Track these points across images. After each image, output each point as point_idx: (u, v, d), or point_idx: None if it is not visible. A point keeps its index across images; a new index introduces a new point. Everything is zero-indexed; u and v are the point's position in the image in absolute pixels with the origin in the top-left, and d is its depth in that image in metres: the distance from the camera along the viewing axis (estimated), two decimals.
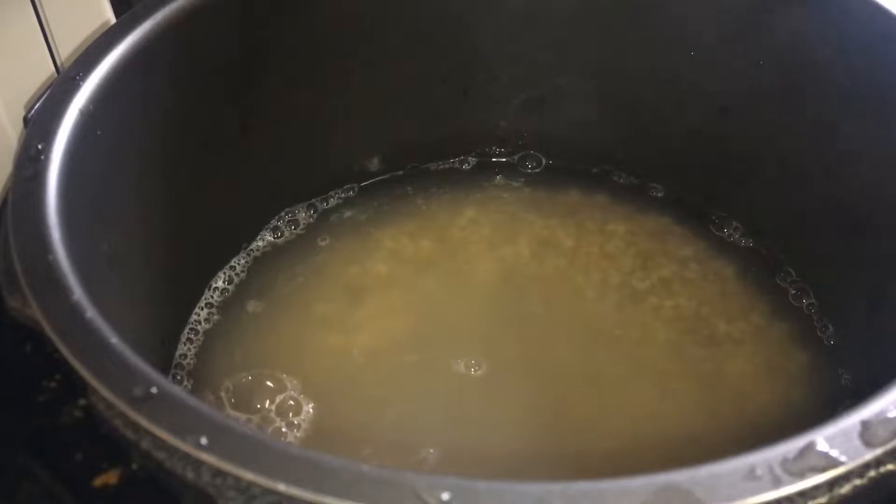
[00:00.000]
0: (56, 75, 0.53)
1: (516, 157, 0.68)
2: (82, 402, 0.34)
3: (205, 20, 0.52)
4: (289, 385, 0.53)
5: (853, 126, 0.53)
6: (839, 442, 0.30)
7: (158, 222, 0.52)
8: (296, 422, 0.51)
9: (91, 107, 0.45)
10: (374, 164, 0.66)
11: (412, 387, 0.54)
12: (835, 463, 0.30)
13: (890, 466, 0.31)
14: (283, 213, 0.63)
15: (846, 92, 0.53)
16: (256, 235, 0.62)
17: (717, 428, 0.52)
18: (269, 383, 0.53)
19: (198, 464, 0.30)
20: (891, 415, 0.31)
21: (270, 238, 0.62)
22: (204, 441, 0.30)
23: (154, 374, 0.33)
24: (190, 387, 0.53)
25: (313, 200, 0.65)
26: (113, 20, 0.56)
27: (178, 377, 0.54)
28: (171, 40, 0.50)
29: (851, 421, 0.31)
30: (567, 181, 0.66)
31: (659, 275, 0.60)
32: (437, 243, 0.62)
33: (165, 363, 0.54)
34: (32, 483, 0.34)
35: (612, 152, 0.66)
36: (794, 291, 0.59)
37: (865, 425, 0.31)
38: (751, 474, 0.29)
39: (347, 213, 0.64)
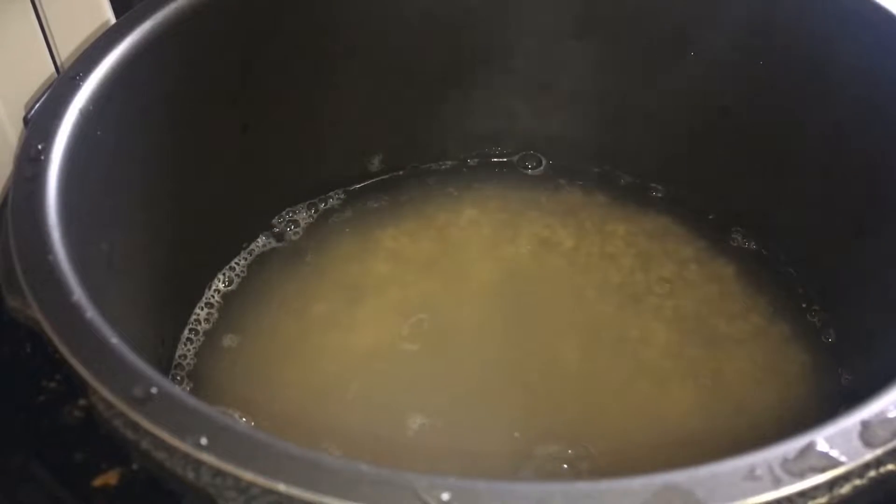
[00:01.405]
0: (56, 75, 0.53)
1: (516, 157, 0.68)
2: (82, 402, 0.34)
3: (205, 20, 0.52)
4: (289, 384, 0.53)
5: (853, 126, 0.53)
6: (839, 442, 0.30)
7: (158, 222, 0.52)
8: None
9: (91, 107, 0.45)
10: (374, 164, 0.66)
11: (412, 386, 0.54)
12: (835, 463, 0.30)
13: (890, 466, 0.31)
14: (283, 213, 0.63)
15: (846, 91, 0.53)
16: (256, 235, 0.62)
17: (717, 428, 0.52)
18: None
19: (198, 464, 0.30)
20: (891, 415, 0.31)
21: (270, 238, 0.62)
22: (204, 441, 0.30)
23: (154, 374, 0.33)
24: (190, 387, 0.53)
25: (313, 200, 0.65)
26: (113, 20, 0.56)
27: (178, 377, 0.54)
28: (170, 40, 0.50)
29: (851, 421, 0.31)
30: (567, 181, 0.66)
31: (659, 275, 0.60)
32: (437, 243, 0.62)
33: (165, 363, 0.54)
34: (32, 483, 0.34)
35: (613, 152, 0.66)
36: (793, 291, 0.59)
37: (865, 425, 0.31)
38: (751, 474, 0.29)
39: (347, 213, 0.64)
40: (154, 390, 0.32)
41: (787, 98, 0.56)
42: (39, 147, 0.42)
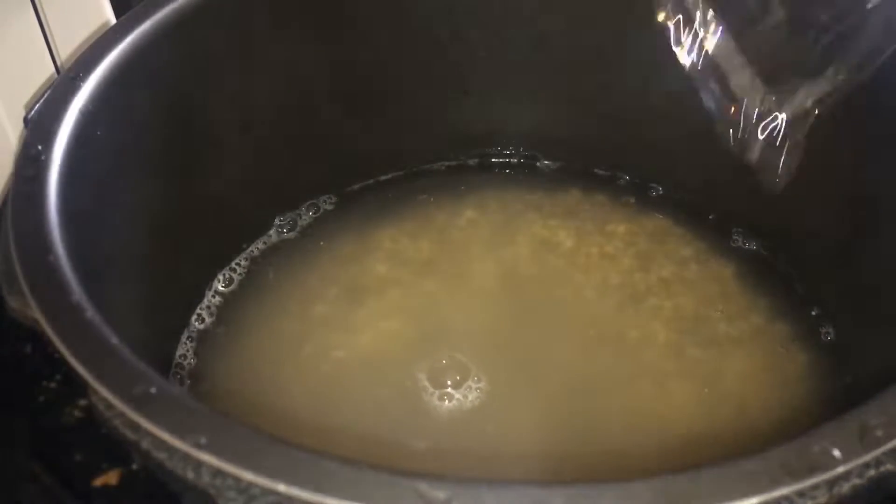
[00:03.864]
0: (56, 75, 0.53)
1: (516, 158, 0.68)
2: (82, 402, 0.34)
3: (205, 20, 0.52)
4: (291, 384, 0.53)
5: (853, 126, 0.53)
6: (839, 442, 0.30)
7: (158, 222, 0.52)
8: None
9: (91, 107, 0.45)
10: (374, 164, 0.66)
11: (412, 387, 0.54)
12: (835, 463, 0.30)
13: (890, 466, 0.31)
14: (283, 214, 0.63)
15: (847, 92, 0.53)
16: (256, 236, 0.62)
17: (717, 428, 0.52)
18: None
19: (198, 464, 0.30)
20: (891, 415, 0.31)
21: (270, 238, 0.62)
22: (204, 441, 0.30)
23: (154, 374, 0.32)
24: (190, 387, 0.53)
25: (313, 200, 0.65)
26: (113, 20, 0.56)
27: (178, 377, 0.54)
28: (170, 40, 0.50)
29: (851, 421, 0.31)
30: (567, 181, 0.66)
31: (659, 275, 0.60)
32: (437, 244, 0.62)
33: (165, 363, 0.54)
34: (33, 483, 0.34)
35: (613, 152, 0.66)
36: (793, 291, 0.59)
37: (865, 425, 0.31)
38: (751, 474, 0.29)
39: (347, 214, 0.64)
40: (154, 390, 0.32)
41: None
42: (39, 147, 0.42)
